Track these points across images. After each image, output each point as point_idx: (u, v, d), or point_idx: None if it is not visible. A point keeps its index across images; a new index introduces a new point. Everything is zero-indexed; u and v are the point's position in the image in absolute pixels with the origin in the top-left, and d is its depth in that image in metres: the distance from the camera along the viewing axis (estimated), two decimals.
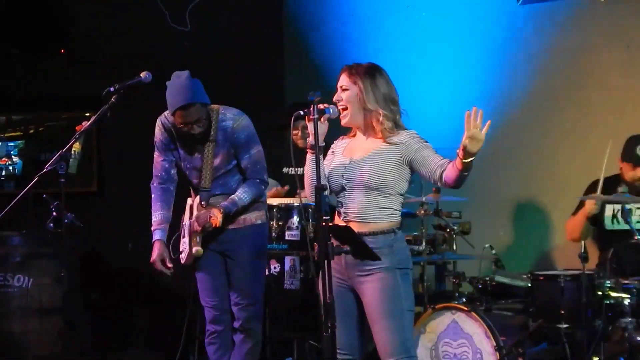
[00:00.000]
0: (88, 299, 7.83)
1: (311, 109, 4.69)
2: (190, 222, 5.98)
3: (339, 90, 4.86)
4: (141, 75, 5.71)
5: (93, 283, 7.87)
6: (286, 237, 6.74)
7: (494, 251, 6.82)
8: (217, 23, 8.64)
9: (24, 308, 7.28)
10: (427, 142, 4.81)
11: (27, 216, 7.10)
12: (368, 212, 4.79)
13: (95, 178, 8.77)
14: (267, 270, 6.73)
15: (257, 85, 8.50)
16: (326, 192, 4.78)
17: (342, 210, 4.86)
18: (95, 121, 5.63)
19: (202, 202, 5.93)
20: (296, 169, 7.21)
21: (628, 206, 6.20)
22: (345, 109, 4.83)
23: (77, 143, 7.76)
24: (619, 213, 6.51)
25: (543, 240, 7.78)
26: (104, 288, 8.00)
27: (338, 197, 4.91)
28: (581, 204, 6.68)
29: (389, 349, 4.75)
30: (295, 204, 6.74)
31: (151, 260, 5.96)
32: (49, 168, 5.46)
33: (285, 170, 7.44)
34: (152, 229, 6.04)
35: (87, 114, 8.07)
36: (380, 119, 4.78)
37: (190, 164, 6.00)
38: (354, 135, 4.99)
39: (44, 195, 5.99)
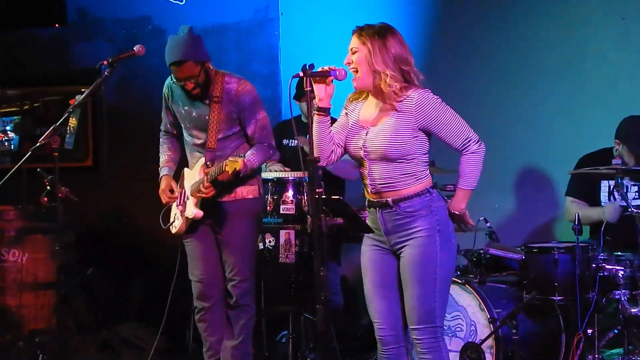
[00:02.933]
0: (83, 274, 7.83)
1: (305, 81, 4.68)
2: (194, 182, 5.97)
3: (349, 52, 4.79)
4: (134, 48, 5.75)
5: (88, 257, 7.86)
6: (281, 211, 6.74)
7: (488, 224, 6.80)
8: None
9: (19, 282, 7.29)
10: (441, 103, 4.74)
11: (21, 190, 7.12)
12: (396, 180, 4.75)
13: (91, 153, 8.74)
14: (262, 244, 6.77)
15: (252, 59, 8.50)
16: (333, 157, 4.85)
17: (368, 182, 4.82)
18: (89, 94, 5.65)
19: (208, 162, 5.94)
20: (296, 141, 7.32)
21: (621, 179, 6.16)
22: (356, 71, 4.77)
23: (74, 118, 7.79)
24: (614, 189, 6.49)
25: (537, 213, 7.79)
26: (99, 263, 8.00)
27: (361, 169, 4.87)
28: (577, 183, 6.68)
29: (413, 317, 4.76)
30: (291, 178, 6.75)
31: (160, 191, 6.07)
32: (42, 142, 5.48)
33: (285, 142, 7.45)
34: (160, 168, 6.17)
35: (83, 89, 8.08)
36: (388, 80, 4.69)
37: (194, 124, 6.02)
38: (366, 98, 4.91)
39: (38, 169, 5.99)
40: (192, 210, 5.95)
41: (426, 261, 4.72)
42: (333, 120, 4.92)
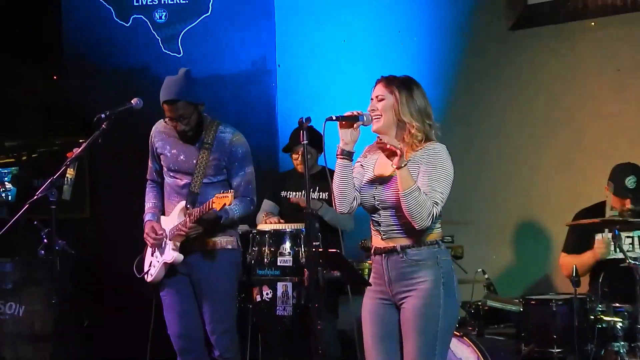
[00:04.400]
0: (80, 326, 7.79)
1: (301, 134, 4.77)
2: (173, 227, 5.95)
3: (374, 100, 4.83)
4: (132, 101, 5.79)
5: (85, 309, 7.83)
6: (278, 263, 6.69)
7: (486, 275, 6.79)
8: (209, 49, 8.65)
9: (16, 335, 7.26)
10: (447, 156, 4.75)
11: (18, 243, 7.10)
12: (406, 227, 4.73)
13: (88, 204, 8.74)
14: (259, 296, 6.75)
15: (250, 110, 8.51)
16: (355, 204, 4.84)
17: (379, 229, 4.82)
18: (87, 147, 5.66)
19: (188, 206, 5.93)
20: (296, 193, 7.34)
21: (618, 232, 6.15)
22: (379, 117, 4.80)
23: (71, 169, 7.78)
24: (610, 238, 6.47)
25: (536, 264, 7.77)
26: (97, 314, 7.96)
27: (372, 217, 4.87)
28: (573, 240, 6.68)
29: None
30: (288, 230, 6.73)
31: (144, 235, 6.05)
32: (39, 195, 5.47)
33: (283, 193, 7.46)
34: (144, 214, 6.16)
35: (81, 140, 8.10)
36: (413, 131, 4.74)
37: (179, 167, 6.02)
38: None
39: (35, 222, 5.98)
40: (172, 254, 5.92)
41: (429, 313, 4.70)
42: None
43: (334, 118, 4.75)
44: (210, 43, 8.66)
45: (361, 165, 4.98)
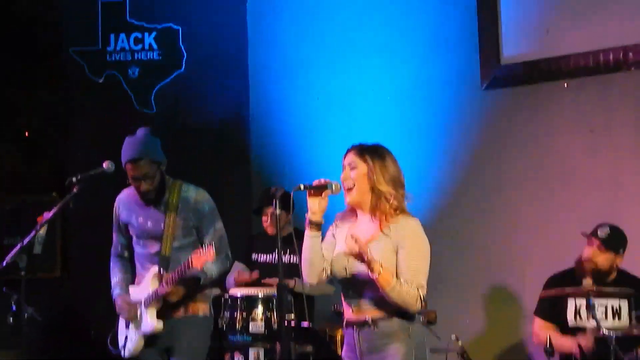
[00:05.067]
0: None
1: (274, 203, 4.83)
2: (150, 292, 5.85)
3: (346, 168, 4.79)
4: (104, 165, 5.75)
5: None
6: (250, 329, 6.59)
7: (460, 342, 6.73)
8: (182, 105, 8.63)
9: None
10: (423, 236, 4.73)
11: None
12: (378, 300, 4.68)
13: (59, 263, 8.63)
14: None
15: (223, 168, 8.51)
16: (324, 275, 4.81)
17: (350, 301, 4.78)
18: (58, 212, 5.63)
19: (162, 271, 5.84)
20: (266, 256, 7.27)
21: (592, 301, 6.10)
22: (351, 188, 4.77)
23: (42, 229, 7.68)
24: (582, 308, 6.39)
25: (510, 329, 7.67)
26: None
27: (343, 288, 4.83)
28: (545, 304, 6.61)
29: None
30: (260, 295, 6.64)
31: (118, 309, 5.98)
32: (8, 261, 5.41)
33: (254, 256, 7.39)
34: (111, 290, 6.08)
35: (54, 194, 8.04)
36: (391, 200, 4.70)
37: (148, 234, 5.94)
38: (353, 216, 4.89)
39: (4, 289, 5.90)
40: (151, 324, 5.82)
41: None
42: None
43: (302, 188, 4.73)
44: (183, 99, 8.63)
45: (333, 235, 4.93)
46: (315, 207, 4.74)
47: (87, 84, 8.60)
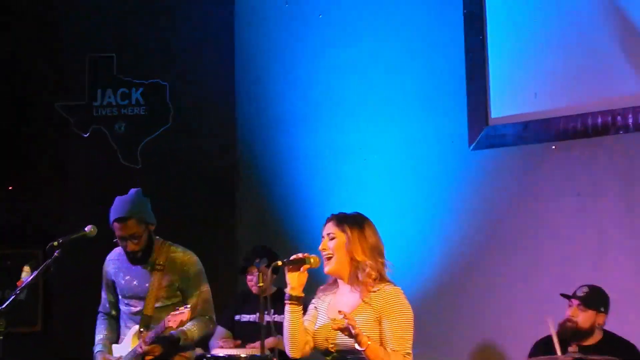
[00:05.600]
0: None
1: (259, 275, 4.72)
2: (128, 352, 5.83)
3: (325, 238, 4.79)
4: (85, 229, 5.72)
5: None
6: None
7: None
8: (168, 160, 8.60)
9: None
10: (404, 308, 4.71)
11: None
12: None
13: (40, 317, 8.55)
14: None
15: (209, 226, 8.46)
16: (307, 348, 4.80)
17: None
18: (38, 275, 5.59)
19: (142, 329, 5.82)
20: (250, 316, 7.21)
21: None
22: (330, 257, 4.74)
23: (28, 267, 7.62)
24: None
25: None
26: None
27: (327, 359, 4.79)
28: None
29: None
30: (242, 355, 6.59)
31: None
32: None
33: (237, 317, 7.33)
34: (94, 346, 6.07)
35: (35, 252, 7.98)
36: (367, 270, 4.69)
37: (134, 293, 5.95)
38: (335, 287, 4.88)
39: None
40: None
41: None
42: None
43: (280, 264, 4.73)
44: (169, 155, 8.60)
45: (315, 307, 4.92)
46: (294, 282, 4.74)
47: (73, 138, 8.56)
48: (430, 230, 7.94)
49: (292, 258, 4.72)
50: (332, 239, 4.77)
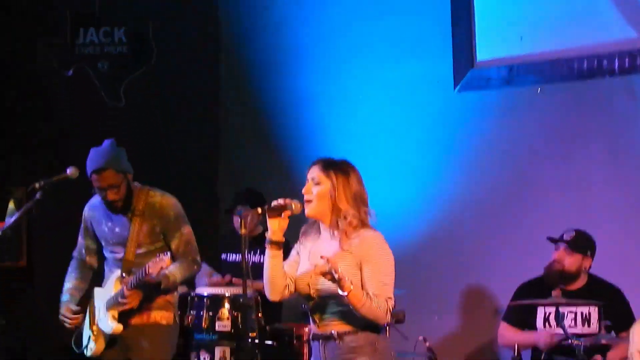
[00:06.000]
0: None
1: (241, 222, 4.69)
2: (110, 297, 5.84)
3: (310, 181, 4.75)
4: (67, 171, 5.73)
5: None
6: (216, 328, 6.58)
7: (427, 344, 6.71)
8: (152, 99, 8.55)
9: None
10: (387, 249, 4.69)
11: None
12: (343, 314, 4.64)
13: (25, 253, 8.54)
14: None
15: (191, 164, 8.45)
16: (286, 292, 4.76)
17: (315, 316, 4.74)
18: (20, 218, 5.59)
19: (124, 274, 5.83)
20: (235, 255, 7.24)
21: (562, 310, 6.12)
22: (310, 201, 4.72)
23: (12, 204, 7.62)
24: (551, 316, 6.42)
25: (479, 330, 7.64)
26: None
27: (308, 304, 4.78)
28: (514, 310, 6.62)
29: None
30: (227, 294, 6.62)
31: (59, 317, 5.94)
32: None
33: (223, 256, 7.36)
34: (61, 294, 6.04)
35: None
36: (349, 219, 4.65)
37: (116, 240, 5.93)
38: (317, 231, 4.85)
39: None
40: (111, 325, 5.80)
41: None
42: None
43: (260, 211, 4.70)
44: (152, 94, 8.55)
45: (297, 252, 4.90)
46: (275, 227, 4.71)
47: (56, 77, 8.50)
48: (415, 171, 7.93)
49: (273, 204, 4.68)
50: (317, 184, 4.72)
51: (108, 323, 5.82)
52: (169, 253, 5.59)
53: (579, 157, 7.36)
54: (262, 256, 6.85)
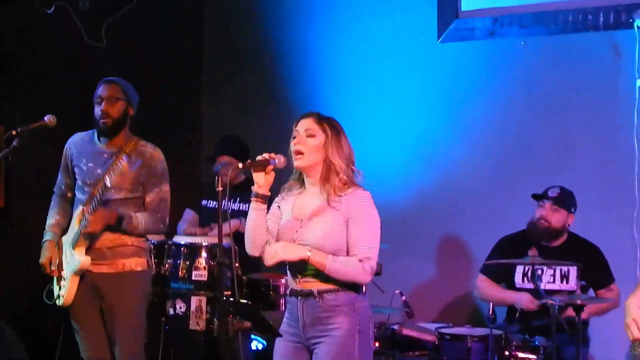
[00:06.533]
0: None
1: (217, 180, 4.68)
2: (72, 237, 5.84)
3: (301, 133, 4.73)
4: (45, 118, 5.65)
5: None
6: (193, 277, 6.53)
7: (403, 297, 6.73)
8: (133, 40, 8.44)
9: None
10: (372, 206, 4.70)
11: None
12: (324, 272, 4.65)
13: (3, 193, 8.48)
14: (172, 309, 6.62)
15: (175, 109, 8.38)
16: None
17: (296, 272, 4.75)
18: None
19: (84, 207, 5.80)
20: (216, 202, 7.21)
21: (539, 271, 6.15)
22: (303, 153, 4.71)
23: None
24: (529, 272, 6.46)
25: (456, 280, 7.71)
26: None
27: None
28: (493, 265, 6.64)
29: None
30: (204, 243, 6.59)
31: (40, 261, 5.92)
32: None
33: (204, 202, 7.34)
34: (44, 232, 6.03)
35: None
36: (341, 175, 4.68)
37: (92, 181, 5.88)
38: (300, 186, 4.86)
39: None
40: (79, 259, 5.78)
41: None
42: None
43: (241, 166, 4.77)
44: (135, 34, 8.45)
45: (278, 206, 4.89)
46: (261, 181, 4.72)
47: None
48: (397, 122, 7.91)
49: (257, 159, 4.69)
50: (311, 136, 4.72)
51: (76, 259, 5.80)
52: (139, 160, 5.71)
53: (560, 110, 7.36)
54: (241, 204, 6.98)
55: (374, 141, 7.60)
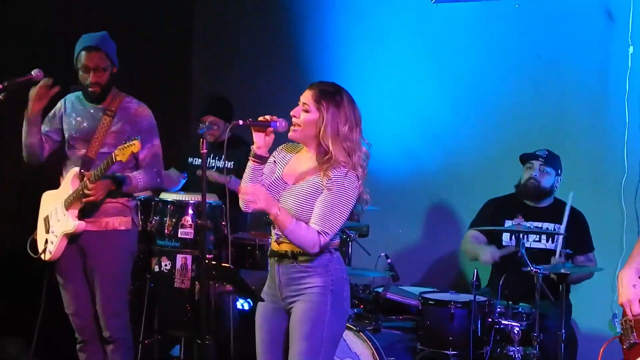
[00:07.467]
0: None
1: (201, 142, 4.73)
2: (68, 195, 5.81)
3: (300, 105, 4.70)
4: (32, 72, 5.64)
5: None
6: (179, 235, 6.54)
7: (389, 260, 6.72)
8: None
9: None
10: (346, 189, 4.62)
11: None
12: None
13: None
14: (157, 267, 6.61)
15: (163, 69, 8.31)
16: None
17: (275, 231, 4.75)
18: None
19: (82, 170, 5.79)
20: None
21: (523, 240, 6.14)
22: (299, 125, 4.68)
23: None
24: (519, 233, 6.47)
25: (442, 242, 7.71)
26: None
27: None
28: (483, 220, 6.71)
29: None
30: (191, 201, 6.57)
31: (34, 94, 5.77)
32: None
33: (190, 160, 7.32)
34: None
35: None
36: (328, 155, 4.64)
37: (81, 135, 5.89)
38: (298, 152, 4.85)
39: None
40: (73, 223, 5.78)
41: (314, 318, 4.66)
42: None
43: (241, 123, 4.68)
44: None
45: (274, 161, 4.87)
46: (260, 141, 4.71)
47: None
48: (389, 82, 7.88)
49: (259, 119, 4.66)
50: (306, 111, 4.68)
51: (70, 221, 5.80)
52: (139, 137, 5.54)
53: (551, 75, 7.32)
54: (225, 162, 6.94)
55: (365, 101, 7.50)
